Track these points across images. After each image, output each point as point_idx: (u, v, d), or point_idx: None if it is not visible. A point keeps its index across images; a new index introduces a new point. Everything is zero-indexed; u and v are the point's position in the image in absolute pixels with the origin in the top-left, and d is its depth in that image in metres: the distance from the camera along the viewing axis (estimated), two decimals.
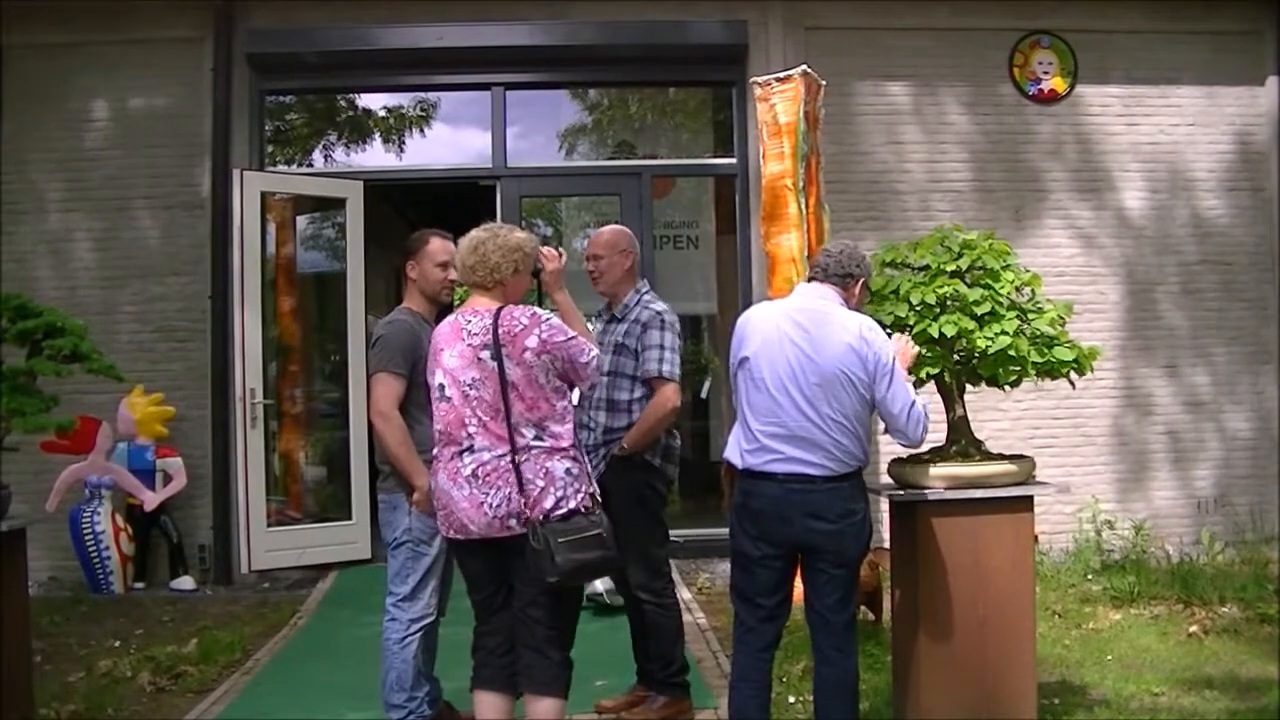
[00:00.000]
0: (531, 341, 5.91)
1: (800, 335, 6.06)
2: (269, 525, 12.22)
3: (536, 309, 6.12)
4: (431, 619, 6.90)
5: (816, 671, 6.22)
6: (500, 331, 5.92)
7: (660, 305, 7.43)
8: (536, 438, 5.91)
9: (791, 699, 7.70)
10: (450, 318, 6.17)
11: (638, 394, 7.28)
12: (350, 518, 12.54)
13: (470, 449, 5.90)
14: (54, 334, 7.12)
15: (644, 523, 7.15)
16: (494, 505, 5.83)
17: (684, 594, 9.40)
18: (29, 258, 12.64)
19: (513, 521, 5.83)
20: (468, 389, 5.92)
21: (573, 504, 5.90)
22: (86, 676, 8.82)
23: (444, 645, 7.09)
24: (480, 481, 5.85)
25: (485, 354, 5.91)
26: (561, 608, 6.13)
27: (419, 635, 6.84)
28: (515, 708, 6.18)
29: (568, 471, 5.95)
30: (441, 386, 6.01)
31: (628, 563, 7.13)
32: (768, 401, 6.04)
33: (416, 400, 6.72)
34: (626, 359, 7.31)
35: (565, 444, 5.99)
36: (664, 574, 7.42)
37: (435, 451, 6.08)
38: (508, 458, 5.85)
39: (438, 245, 7.06)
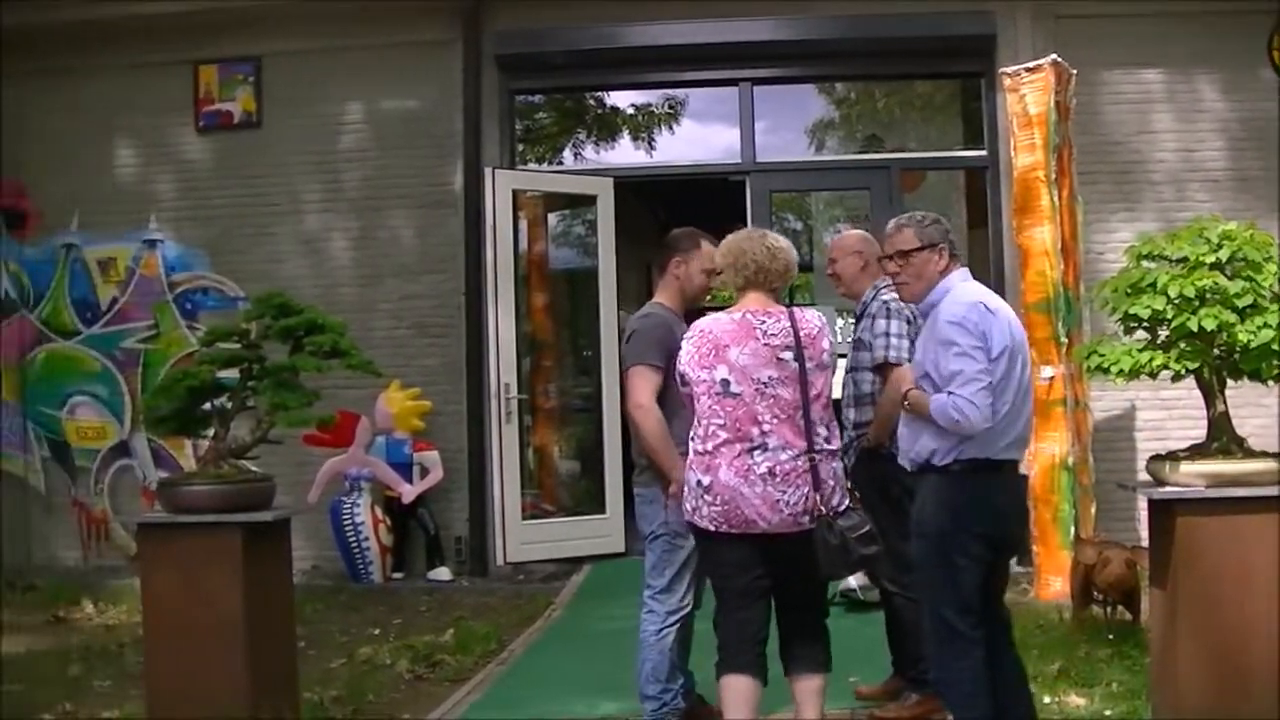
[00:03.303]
0: (825, 344, 6.07)
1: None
2: (524, 518, 12.36)
3: (818, 312, 6.27)
4: (688, 610, 6.90)
5: (1004, 666, 6.09)
6: (801, 334, 6.01)
7: (890, 294, 7.35)
8: (825, 439, 6.01)
9: (1047, 699, 7.56)
10: (733, 315, 6.15)
11: (877, 384, 7.30)
12: (604, 511, 12.61)
13: (763, 447, 5.90)
14: (314, 331, 7.24)
15: (889, 515, 7.12)
16: (790, 503, 5.87)
17: None
18: (289, 257, 13.02)
19: (805, 519, 5.90)
20: (763, 387, 5.94)
21: (847, 501, 6.03)
22: (348, 663, 9.05)
23: (696, 638, 7.13)
24: (778, 480, 5.87)
25: (787, 355, 5.98)
26: (824, 597, 6.37)
27: (676, 627, 6.84)
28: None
29: (841, 471, 6.11)
30: (726, 382, 5.98)
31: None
32: (1018, 389, 5.96)
33: (672, 392, 6.68)
34: (863, 352, 7.32)
35: (837, 445, 6.14)
36: (911, 568, 7.37)
37: (709, 446, 6.01)
38: (804, 457, 5.91)
39: (708, 250, 7.03)
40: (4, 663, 9.32)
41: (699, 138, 14.07)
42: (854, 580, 9.45)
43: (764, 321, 6.04)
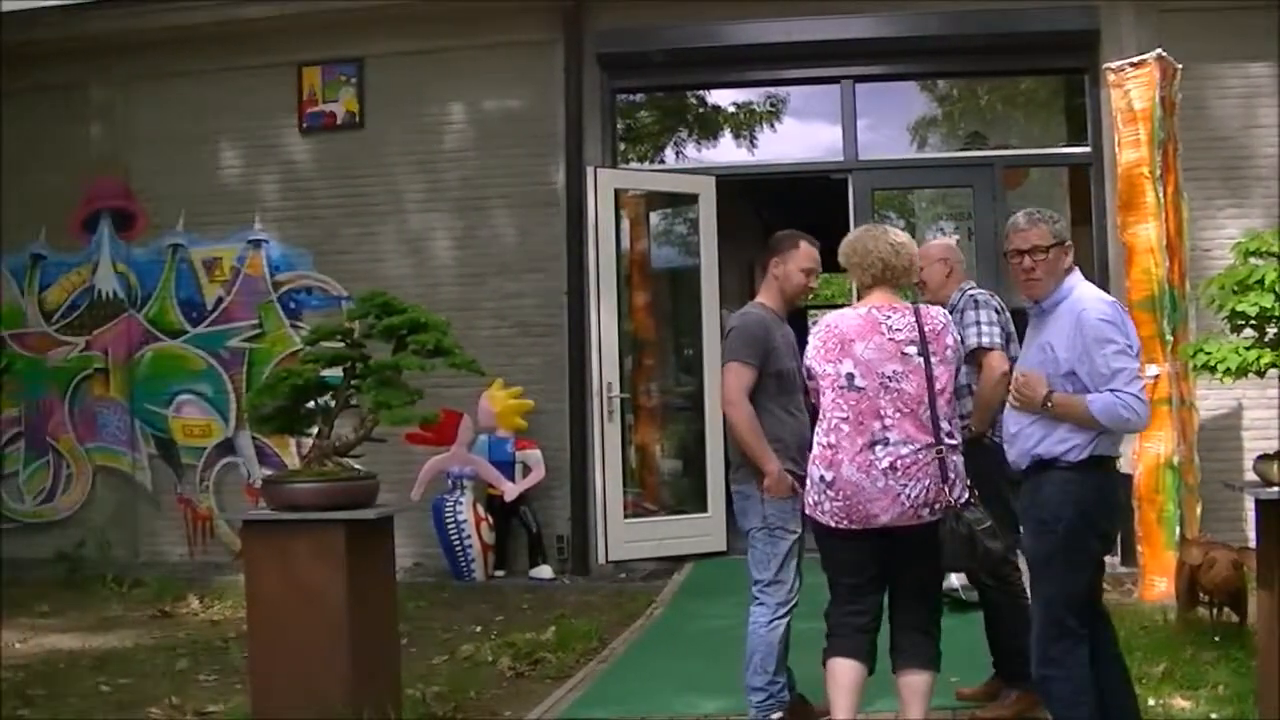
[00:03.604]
0: (949, 340, 6.21)
1: None
2: (625, 517, 12.38)
3: (943, 309, 6.47)
4: (796, 602, 6.93)
5: (1107, 667, 6.01)
6: (926, 329, 6.12)
7: (976, 290, 7.54)
8: (949, 434, 6.09)
9: (1151, 701, 7.47)
10: (858, 310, 6.29)
11: (972, 375, 7.30)
12: (706, 510, 12.60)
13: (885, 441, 6.00)
14: (417, 330, 7.30)
15: (993, 506, 7.07)
16: (912, 496, 5.96)
17: None
18: (391, 256, 13.14)
19: (925, 511, 5.99)
20: (887, 380, 6.05)
21: (967, 494, 6.08)
22: (449, 660, 9.11)
23: (796, 637, 7.12)
24: (899, 474, 5.96)
25: (911, 349, 6.11)
26: (938, 593, 6.47)
27: (785, 619, 6.88)
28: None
29: (963, 466, 6.14)
30: (850, 376, 6.10)
31: None
32: None
33: (767, 390, 6.86)
34: None
35: (959, 439, 6.21)
36: (1011, 561, 7.31)
37: (831, 440, 6.13)
38: (926, 450, 6.00)
39: (806, 250, 7.12)
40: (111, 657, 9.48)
41: (801, 136, 14.04)
42: (955, 580, 9.41)
43: (889, 316, 6.17)
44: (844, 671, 6.24)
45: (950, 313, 7.38)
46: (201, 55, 13.42)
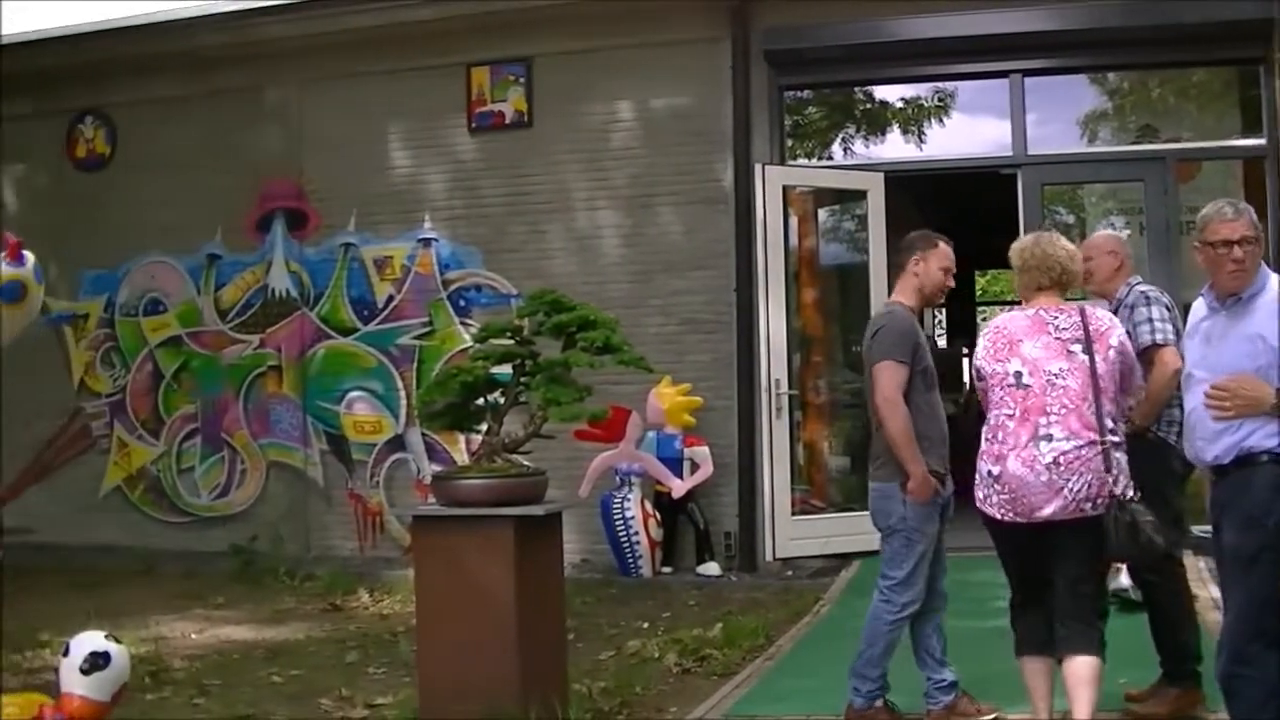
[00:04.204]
0: (1114, 340, 6.38)
1: None
2: (793, 514, 12.38)
3: (1109, 313, 6.68)
4: (920, 604, 7.07)
5: None
6: (1090, 329, 6.33)
7: (1145, 286, 7.43)
8: (1111, 431, 6.19)
9: None
10: (1026, 312, 6.51)
11: (1139, 373, 7.20)
12: None
13: (1048, 438, 6.14)
14: (586, 327, 7.36)
15: (1155, 502, 6.95)
16: (1074, 490, 6.09)
17: (1211, 592, 8.96)
18: (560, 254, 13.22)
19: (1087, 505, 6.11)
20: (1054, 378, 6.24)
21: (1131, 491, 6.15)
22: (616, 656, 9.16)
23: (955, 637, 7.23)
24: (1062, 469, 6.09)
25: (1076, 347, 6.31)
26: (1100, 585, 6.60)
27: (908, 619, 7.06)
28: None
29: (1126, 463, 6.21)
30: (1019, 374, 6.30)
31: None
32: None
33: (915, 387, 7.05)
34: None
35: (1121, 438, 6.30)
36: (1175, 557, 7.20)
37: (998, 436, 6.27)
38: (1090, 446, 6.12)
39: (945, 250, 7.26)
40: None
41: (969, 130, 13.90)
42: (1125, 579, 9.29)
43: (1056, 317, 6.41)
44: (1037, 669, 6.45)
45: (1119, 308, 7.35)
46: (372, 57, 13.62)
